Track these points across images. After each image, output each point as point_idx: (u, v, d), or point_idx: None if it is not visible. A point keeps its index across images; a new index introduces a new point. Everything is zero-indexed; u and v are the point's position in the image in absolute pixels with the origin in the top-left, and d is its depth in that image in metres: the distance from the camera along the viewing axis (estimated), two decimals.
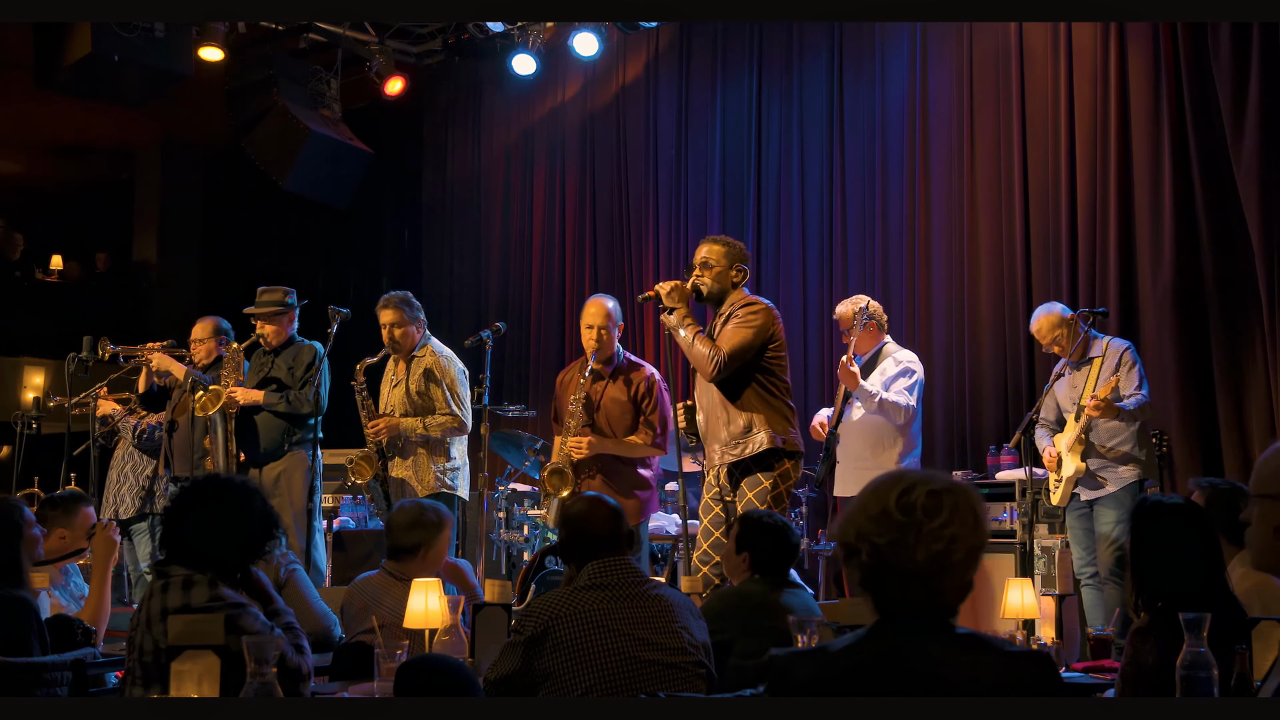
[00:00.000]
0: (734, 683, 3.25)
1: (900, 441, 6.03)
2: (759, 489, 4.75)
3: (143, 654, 2.88)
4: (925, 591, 1.96)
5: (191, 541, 2.93)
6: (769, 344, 4.84)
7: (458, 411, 5.87)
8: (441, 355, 5.97)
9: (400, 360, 6.01)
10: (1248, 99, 6.22)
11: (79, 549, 4.34)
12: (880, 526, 1.96)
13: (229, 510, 2.96)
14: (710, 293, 4.97)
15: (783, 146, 8.34)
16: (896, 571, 1.95)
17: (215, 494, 3.00)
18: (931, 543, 1.94)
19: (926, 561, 1.94)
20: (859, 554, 1.98)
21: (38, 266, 12.72)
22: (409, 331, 5.94)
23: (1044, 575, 5.94)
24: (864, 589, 2.00)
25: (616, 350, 5.58)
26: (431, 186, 10.53)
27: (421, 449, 5.89)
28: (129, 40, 8.25)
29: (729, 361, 4.76)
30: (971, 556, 1.98)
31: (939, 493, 1.96)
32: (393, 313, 5.93)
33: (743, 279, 4.98)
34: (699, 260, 5.00)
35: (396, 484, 5.90)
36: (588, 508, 3.31)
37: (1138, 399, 5.68)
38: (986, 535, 2.01)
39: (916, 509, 1.94)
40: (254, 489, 3.07)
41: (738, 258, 4.98)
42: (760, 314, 4.82)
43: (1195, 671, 2.23)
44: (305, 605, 3.91)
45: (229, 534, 2.95)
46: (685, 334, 4.86)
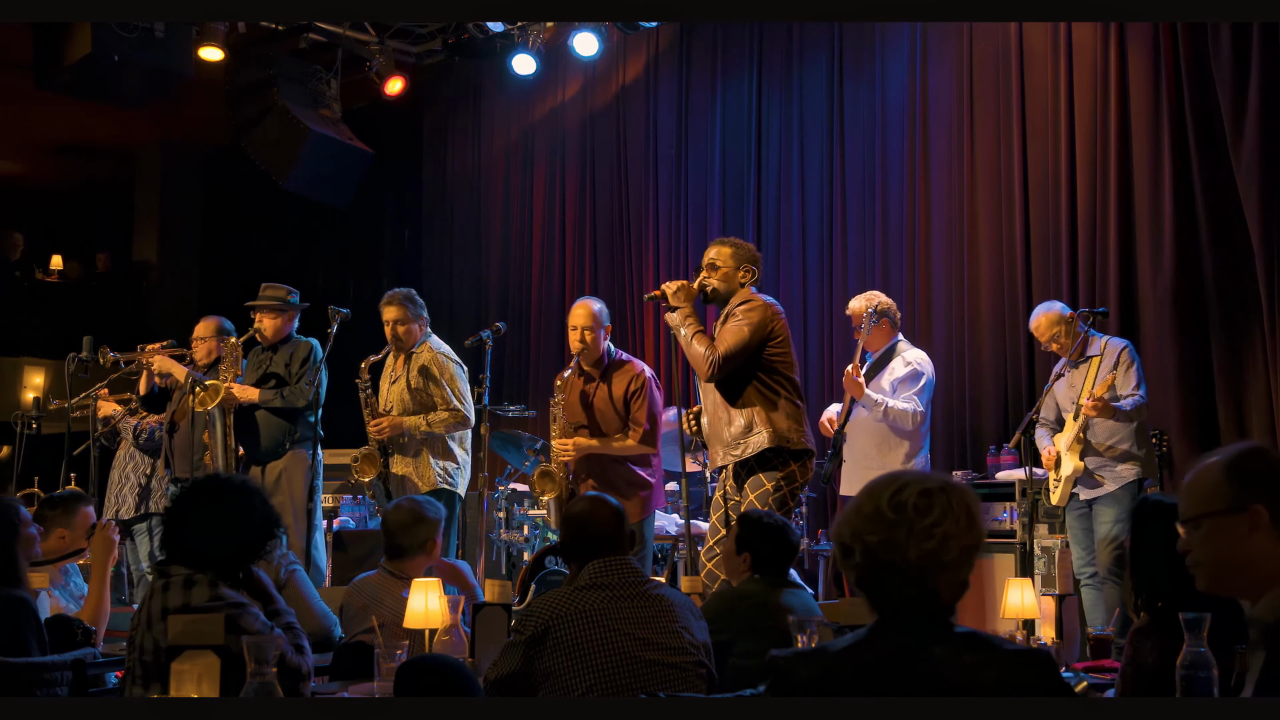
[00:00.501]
0: (734, 683, 3.25)
1: (907, 442, 6.02)
2: (760, 491, 4.71)
3: (143, 653, 2.88)
4: (919, 590, 1.97)
5: (192, 542, 2.94)
6: (769, 341, 4.79)
7: (459, 406, 5.91)
8: (439, 352, 6.00)
9: (400, 357, 6.04)
10: (1248, 99, 6.22)
11: (78, 549, 4.34)
12: (873, 525, 1.99)
13: (229, 511, 2.96)
14: (717, 294, 4.96)
15: (783, 146, 8.33)
16: (889, 570, 1.97)
17: (215, 494, 3.00)
18: (923, 541, 1.96)
19: (918, 559, 1.96)
20: (854, 553, 2.01)
21: (38, 266, 12.71)
22: (412, 329, 5.99)
23: (1044, 575, 5.94)
24: (860, 588, 2.03)
25: (607, 350, 5.59)
26: (431, 186, 10.53)
27: (424, 446, 5.93)
28: (129, 40, 8.24)
29: (724, 362, 4.74)
30: (965, 555, 1.99)
31: (931, 491, 1.98)
32: (396, 309, 5.98)
33: (750, 280, 4.96)
34: (706, 261, 5.00)
35: (398, 480, 5.92)
36: (589, 507, 3.31)
37: (1134, 399, 5.67)
38: (982, 535, 2.02)
39: (908, 507, 1.97)
40: (254, 489, 3.07)
41: (746, 259, 4.96)
42: (757, 310, 4.79)
43: (1195, 671, 2.23)
44: (306, 605, 3.91)
45: (229, 534, 2.95)
46: (685, 333, 4.85)
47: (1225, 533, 2.16)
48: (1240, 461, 2.18)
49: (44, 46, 8.68)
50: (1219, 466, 2.19)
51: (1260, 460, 2.18)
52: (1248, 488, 2.15)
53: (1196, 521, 2.20)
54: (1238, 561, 2.16)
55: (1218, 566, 2.19)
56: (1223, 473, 2.18)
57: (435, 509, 4.20)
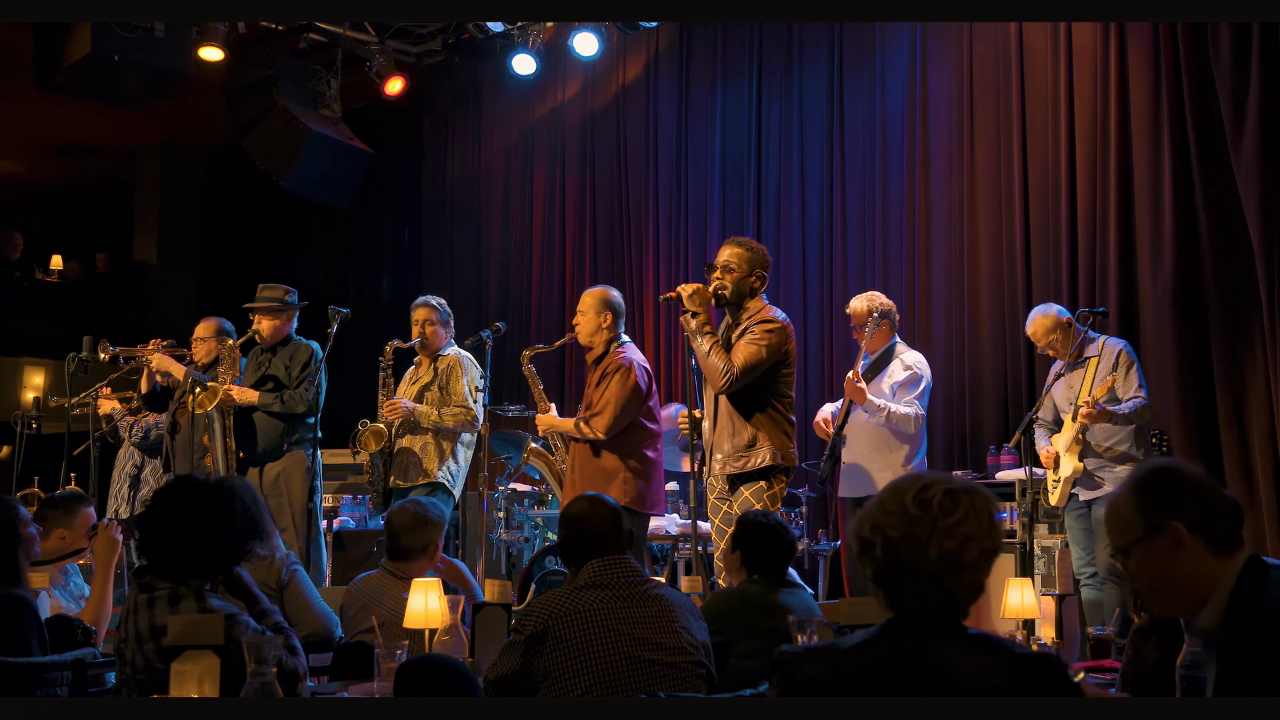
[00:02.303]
0: (734, 683, 3.25)
1: (907, 444, 6.02)
2: (755, 488, 4.82)
3: (136, 670, 2.85)
4: (936, 589, 1.97)
5: (170, 547, 2.86)
6: (781, 364, 4.88)
7: (472, 405, 6.08)
8: (464, 358, 6.25)
9: (425, 361, 6.23)
10: (1248, 99, 6.22)
11: (79, 549, 4.34)
12: (896, 520, 1.99)
13: (208, 513, 2.88)
14: (729, 297, 4.98)
15: (783, 146, 8.33)
16: (909, 567, 1.97)
17: (193, 496, 2.92)
18: (945, 539, 1.96)
19: (939, 558, 1.96)
20: (874, 548, 2.01)
21: (38, 266, 12.71)
22: (439, 331, 6.26)
23: (1044, 575, 5.94)
24: (876, 584, 2.02)
25: (617, 338, 5.62)
26: (431, 186, 10.53)
27: (432, 437, 6.08)
28: (129, 40, 8.24)
29: (740, 378, 4.80)
30: (984, 558, 1.99)
31: (956, 492, 1.99)
32: (426, 310, 6.27)
33: (762, 285, 4.99)
34: (720, 262, 5.01)
35: (402, 456, 6.07)
36: (587, 507, 3.31)
37: (1135, 402, 5.66)
38: (1000, 540, 2.03)
39: (932, 505, 1.97)
40: (233, 488, 2.98)
41: (758, 263, 4.98)
42: (776, 333, 4.85)
43: (1195, 671, 2.23)
44: (308, 606, 3.91)
45: (210, 538, 2.87)
46: (703, 343, 4.88)
47: (1153, 555, 2.20)
48: (1145, 484, 2.23)
49: (44, 46, 8.68)
50: (1126, 494, 2.24)
51: (1164, 479, 2.22)
52: (1159, 508, 2.19)
53: (1126, 552, 2.25)
54: (1175, 580, 2.20)
55: (1159, 590, 2.23)
56: (1132, 498, 2.23)
57: (439, 512, 4.22)
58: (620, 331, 5.68)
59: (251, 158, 9.55)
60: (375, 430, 6.05)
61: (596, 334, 5.60)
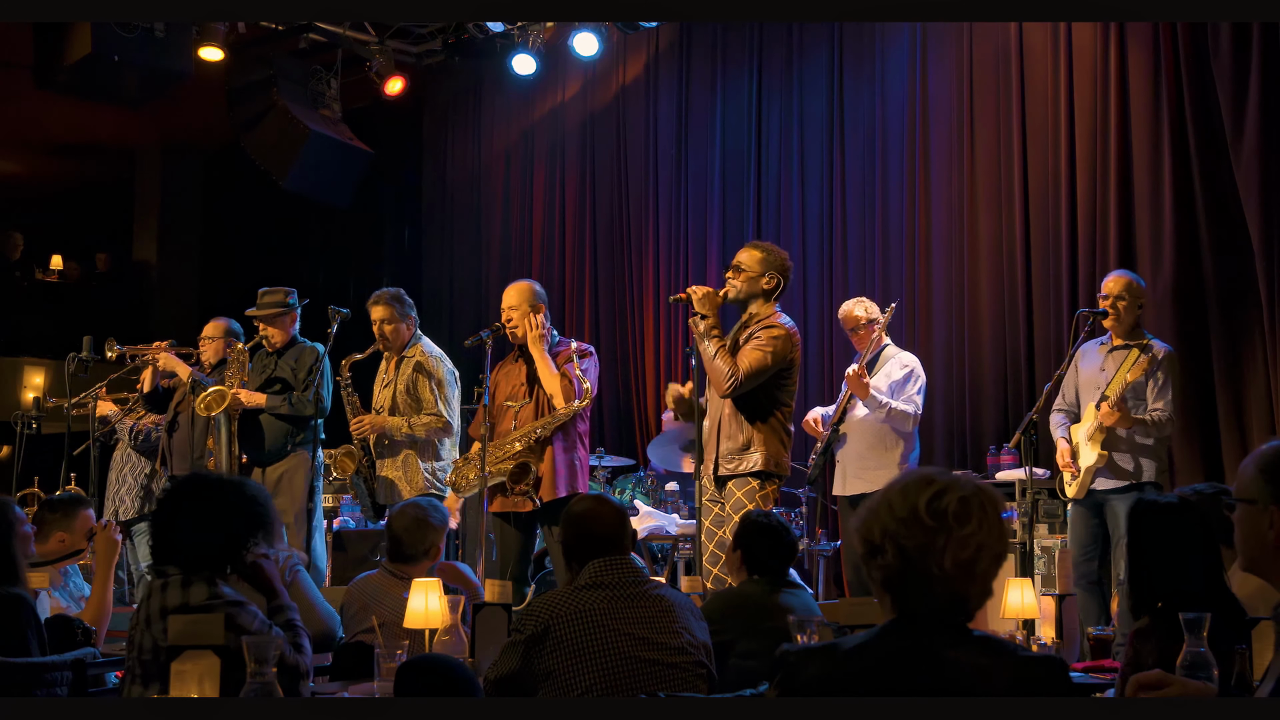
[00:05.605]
0: (734, 683, 3.25)
1: (902, 443, 6.02)
2: (747, 488, 4.80)
3: (142, 652, 2.88)
4: (949, 596, 1.95)
5: (180, 541, 2.93)
6: (785, 371, 4.87)
7: (443, 411, 5.85)
8: (431, 355, 5.95)
9: (392, 359, 6.00)
10: (1248, 99, 6.22)
11: (78, 550, 4.34)
12: (909, 529, 1.94)
13: (212, 506, 2.95)
14: (737, 297, 4.98)
15: (783, 146, 8.33)
16: (923, 575, 1.94)
17: (199, 491, 3.00)
18: (959, 550, 1.93)
19: (954, 568, 1.93)
20: (884, 553, 1.96)
21: (38, 266, 12.71)
22: (399, 329, 5.94)
23: (1044, 575, 5.94)
24: (885, 589, 1.99)
25: (550, 335, 5.46)
26: (431, 186, 10.53)
27: (409, 449, 5.86)
28: (129, 40, 8.24)
29: (745, 382, 4.79)
30: (995, 564, 1.98)
31: (969, 499, 1.95)
32: (383, 309, 5.94)
33: (775, 288, 4.95)
34: (735, 263, 5.02)
35: (386, 485, 5.88)
36: (591, 506, 3.30)
37: (1159, 415, 5.41)
38: (1008, 541, 2.01)
39: (948, 515, 1.93)
40: (237, 483, 3.07)
41: (773, 266, 4.95)
42: (781, 340, 4.83)
43: (1195, 671, 2.23)
44: (310, 606, 3.91)
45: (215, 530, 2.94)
46: (709, 346, 4.87)
47: (1250, 522, 2.22)
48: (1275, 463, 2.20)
49: (44, 46, 8.69)
50: (1256, 459, 2.23)
51: None
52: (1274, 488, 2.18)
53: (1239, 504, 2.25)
54: (1260, 551, 2.21)
55: (1245, 552, 2.25)
56: (1256, 466, 2.22)
57: (440, 515, 4.20)
58: None
59: (251, 157, 9.56)
60: (347, 453, 5.88)
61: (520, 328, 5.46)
